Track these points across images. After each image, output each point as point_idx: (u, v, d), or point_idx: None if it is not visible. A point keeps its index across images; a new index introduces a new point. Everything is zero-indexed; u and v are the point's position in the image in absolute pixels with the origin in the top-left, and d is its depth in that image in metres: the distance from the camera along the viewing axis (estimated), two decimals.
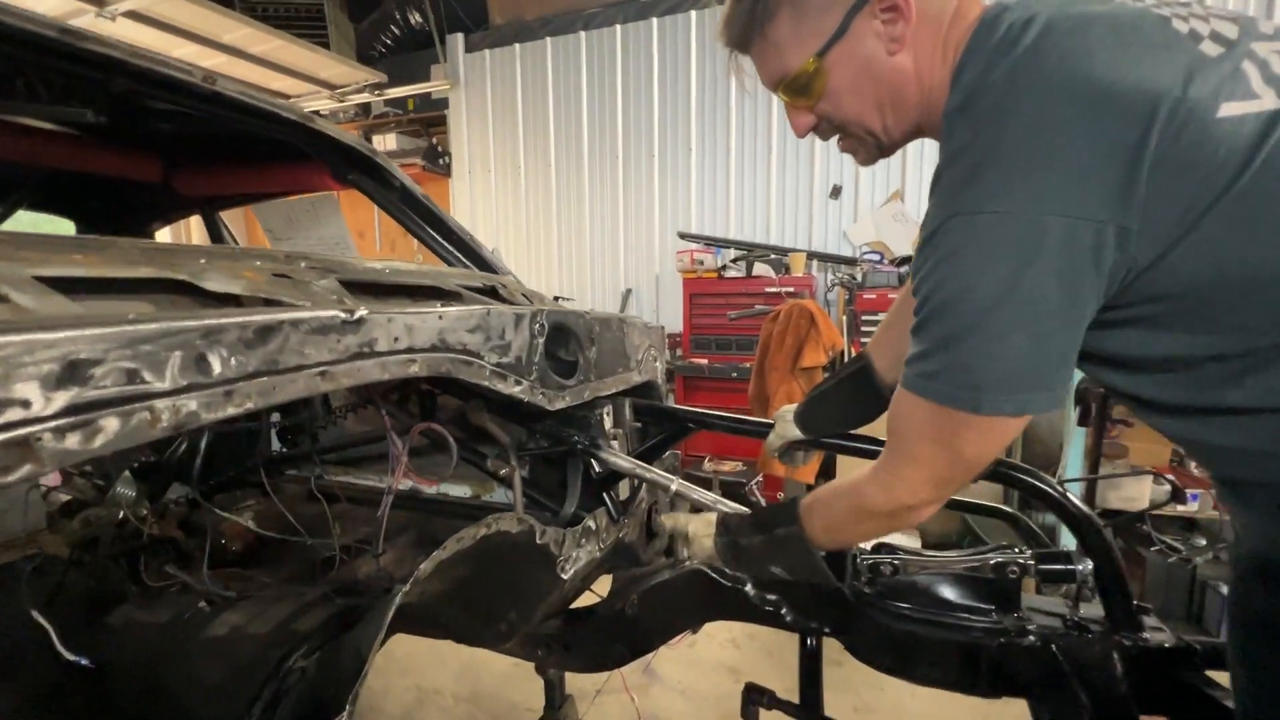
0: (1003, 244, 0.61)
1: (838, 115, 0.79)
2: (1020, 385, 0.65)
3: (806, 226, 4.19)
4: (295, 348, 0.61)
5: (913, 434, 0.74)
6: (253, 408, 0.57)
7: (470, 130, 5.20)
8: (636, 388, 1.46)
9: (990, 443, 0.70)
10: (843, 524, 0.87)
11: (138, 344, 0.48)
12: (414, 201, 1.79)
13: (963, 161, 0.64)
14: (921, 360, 0.70)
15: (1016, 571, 1.00)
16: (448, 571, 0.98)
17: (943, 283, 0.65)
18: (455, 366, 0.84)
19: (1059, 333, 0.64)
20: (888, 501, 0.79)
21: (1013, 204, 0.60)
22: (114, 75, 1.20)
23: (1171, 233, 0.60)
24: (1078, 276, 0.61)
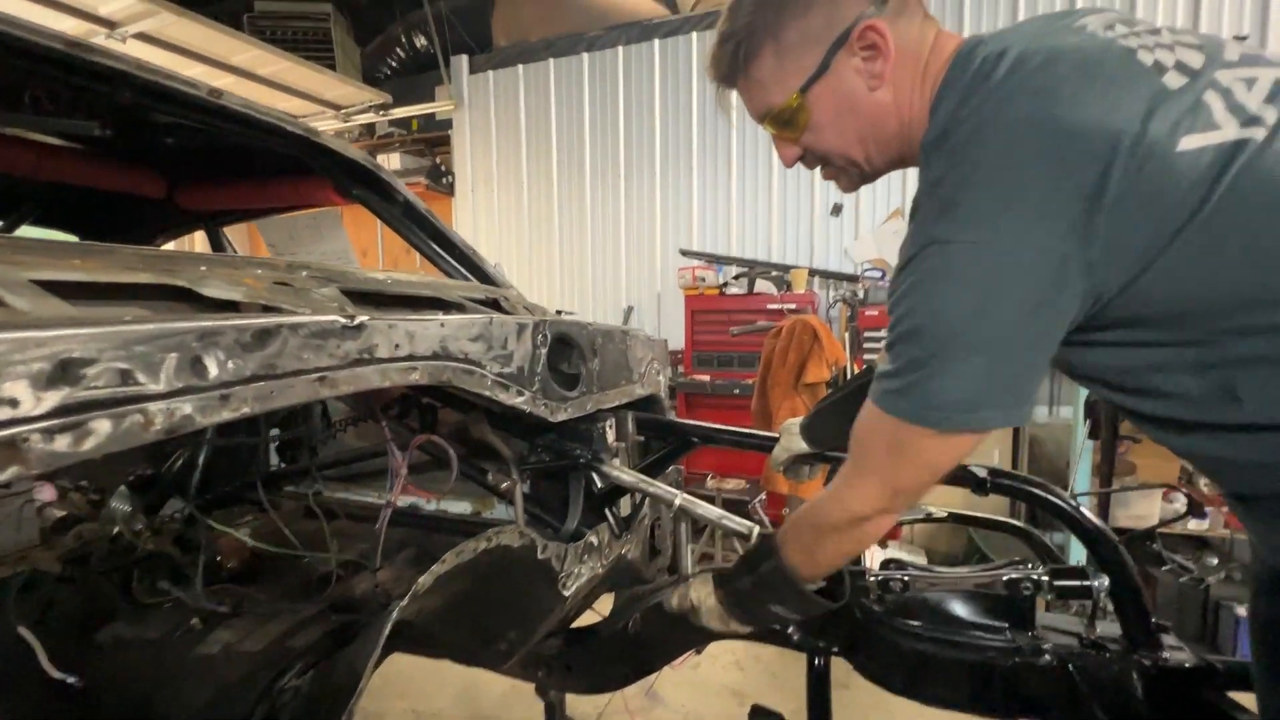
0: (971, 273, 0.64)
1: (821, 148, 0.82)
2: (982, 403, 0.67)
3: (808, 244, 4.20)
4: (294, 352, 0.60)
5: (874, 446, 0.75)
6: (249, 413, 0.56)
7: (474, 149, 5.25)
8: (639, 401, 1.44)
9: (950, 456, 0.72)
10: (810, 545, 0.85)
11: (132, 345, 0.47)
12: (417, 216, 1.79)
13: (938, 193, 0.67)
14: (890, 378, 0.71)
15: (1031, 588, 0.97)
16: (446, 587, 0.95)
17: (915, 308, 0.68)
18: (457, 375, 0.83)
19: (1021, 356, 0.67)
20: (842, 514, 0.79)
21: (981, 235, 0.64)
22: (120, 88, 1.20)
23: (1139, 261, 0.62)
24: (1042, 304, 0.64)
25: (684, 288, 3.97)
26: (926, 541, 3.30)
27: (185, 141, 1.67)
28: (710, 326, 3.86)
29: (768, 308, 3.65)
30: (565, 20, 4.82)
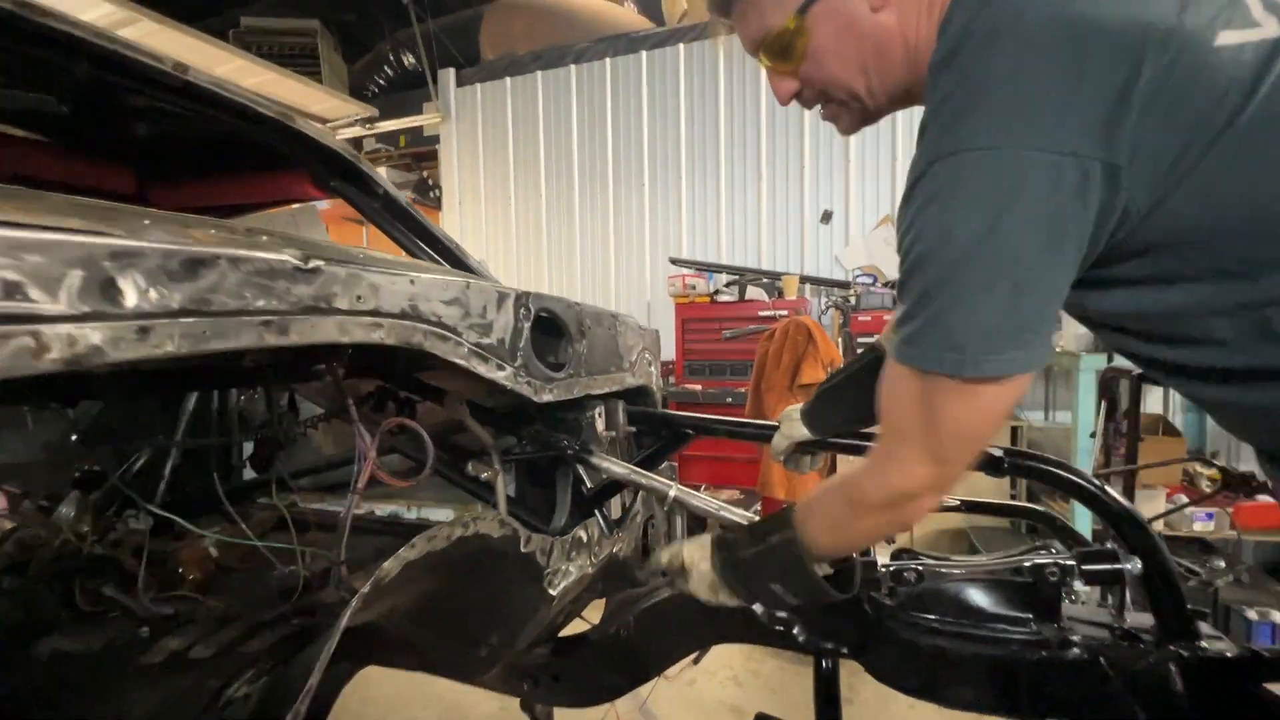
0: (982, 183, 0.58)
1: (820, 77, 0.76)
2: (1003, 342, 0.60)
3: (798, 251, 4.17)
4: (234, 289, 0.52)
5: (901, 409, 0.68)
6: (175, 352, 0.48)
7: (461, 161, 5.21)
8: (630, 391, 1.36)
9: (980, 413, 0.65)
10: (840, 522, 0.78)
11: (22, 252, 0.40)
12: (399, 210, 1.72)
13: (947, 109, 0.61)
14: (904, 323, 0.65)
15: (1058, 573, 0.90)
16: (419, 583, 0.86)
17: (922, 232, 0.62)
18: (429, 340, 0.75)
19: (1042, 280, 0.60)
20: (881, 489, 0.72)
21: (993, 140, 0.57)
22: (77, 59, 1.13)
23: (1171, 171, 0.56)
24: (1061, 216, 0.58)
25: (674, 296, 3.92)
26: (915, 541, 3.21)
27: (155, 131, 1.59)
28: (701, 335, 3.80)
29: (759, 314, 3.60)
30: (553, 33, 4.84)
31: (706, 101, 4.37)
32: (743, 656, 2.49)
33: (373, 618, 0.92)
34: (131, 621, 1.02)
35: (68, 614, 1.05)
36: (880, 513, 0.73)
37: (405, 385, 1.38)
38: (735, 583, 0.90)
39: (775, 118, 4.21)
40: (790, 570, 0.82)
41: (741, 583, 0.89)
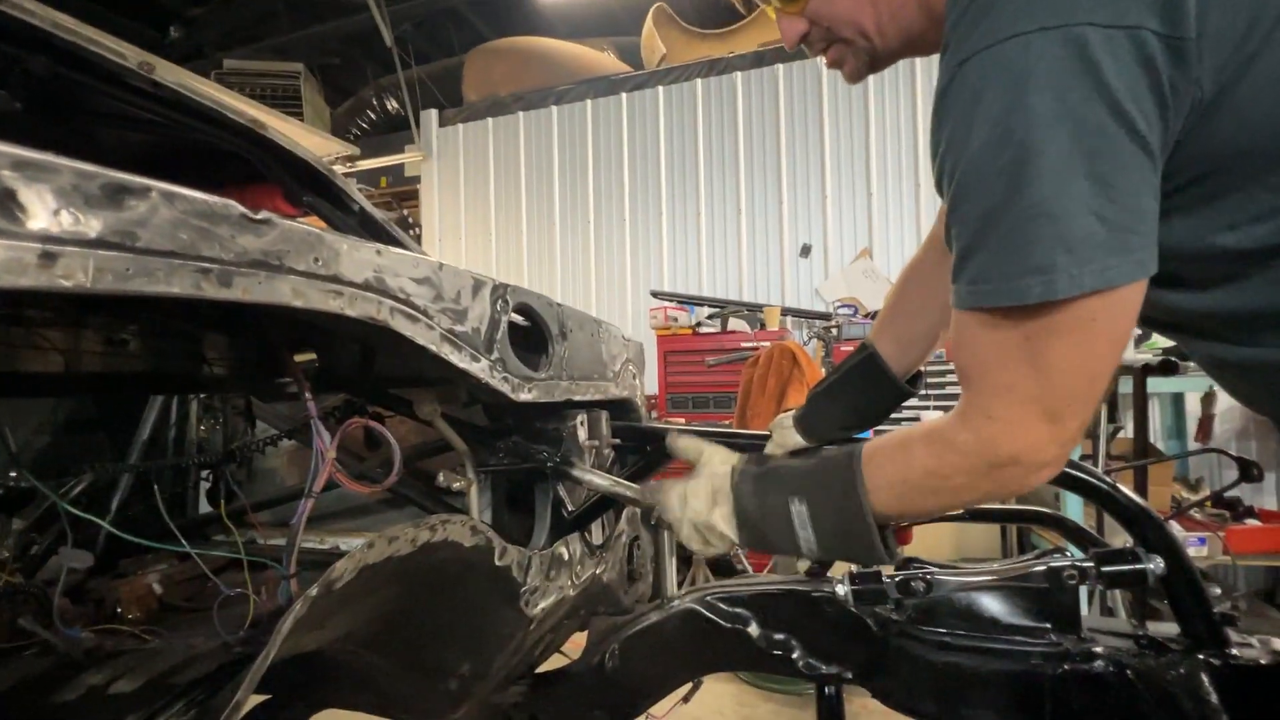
0: (1034, 70, 0.50)
1: (829, 12, 0.73)
2: (1097, 248, 0.51)
3: (779, 284, 4.20)
4: (166, 228, 0.46)
5: (992, 361, 0.59)
6: (89, 287, 0.41)
7: (442, 199, 5.23)
8: (613, 403, 1.30)
9: (1092, 343, 0.55)
10: (924, 481, 0.66)
11: None
12: (374, 226, 1.67)
13: (975, 5, 0.55)
14: (966, 264, 0.57)
15: (1075, 576, 0.84)
16: (377, 598, 0.77)
17: (967, 142, 0.54)
18: (395, 318, 0.68)
19: (1128, 171, 0.52)
20: (985, 453, 0.60)
21: (1036, 21, 0.51)
22: (34, 52, 1.08)
23: (1236, 55, 0.51)
24: (1132, 94, 0.50)
25: (656, 328, 3.89)
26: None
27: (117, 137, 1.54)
28: (684, 367, 3.76)
29: (742, 345, 3.58)
30: (535, 76, 4.95)
31: (686, 140, 4.47)
32: (737, 697, 2.35)
33: (324, 644, 0.81)
34: (50, 657, 0.90)
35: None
36: (980, 476, 0.62)
37: (372, 398, 1.30)
38: (749, 495, 0.76)
39: (753, 155, 4.31)
40: (828, 520, 0.69)
41: (759, 495, 0.75)
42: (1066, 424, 0.58)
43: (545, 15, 5.31)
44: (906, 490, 0.68)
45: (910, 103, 3.96)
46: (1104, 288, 0.52)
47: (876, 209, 4.01)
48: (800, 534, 0.72)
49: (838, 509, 0.70)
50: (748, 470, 0.80)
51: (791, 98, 4.23)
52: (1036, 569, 0.88)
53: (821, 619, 0.99)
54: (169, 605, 1.31)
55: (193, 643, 0.91)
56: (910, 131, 3.95)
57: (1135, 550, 0.83)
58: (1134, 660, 0.83)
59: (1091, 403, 0.58)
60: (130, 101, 1.25)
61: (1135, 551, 0.83)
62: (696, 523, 0.80)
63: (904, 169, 3.96)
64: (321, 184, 1.65)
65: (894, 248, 3.98)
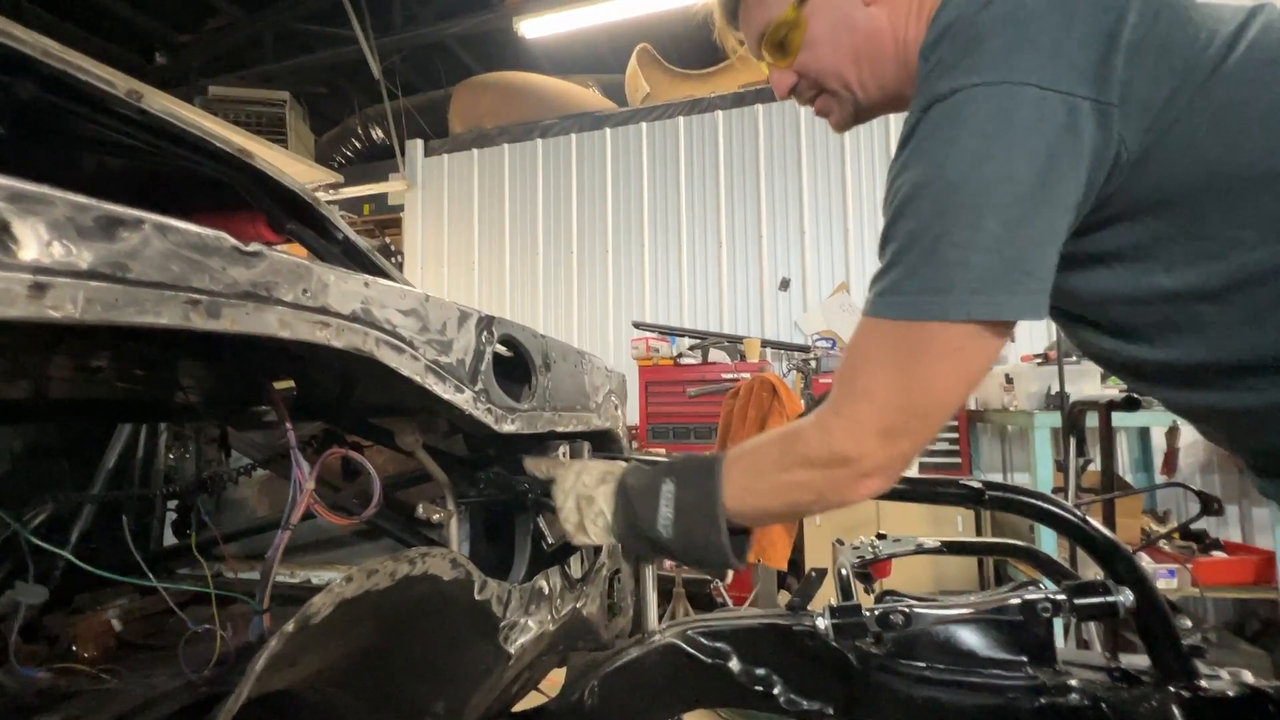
0: (974, 118, 0.57)
1: (815, 67, 0.79)
2: (991, 283, 0.57)
3: (758, 317, 4.27)
4: (158, 260, 0.46)
5: (866, 364, 0.64)
6: (79, 317, 0.41)
7: (425, 227, 5.24)
8: (596, 434, 1.30)
9: (956, 367, 0.60)
10: (764, 470, 0.70)
11: None
12: (358, 255, 1.67)
13: (939, 68, 0.62)
14: (883, 276, 0.62)
15: (1049, 609, 0.85)
16: (353, 634, 0.75)
17: (910, 174, 0.61)
18: (381, 349, 0.69)
19: (1035, 219, 0.57)
20: (821, 447, 0.64)
21: (985, 76, 0.58)
22: (21, 78, 1.08)
23: (1160, 118, 0.57)
24: (1054, 153, 0.56)
25: (637, 358, 3.91)
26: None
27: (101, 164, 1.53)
28: (665, 397, 3.77)
29: (723, 376, 3.61)
30: (520, 111, 5.04)
31: (668, 175, 4.57)
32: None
33: (294, 681, 0.79)
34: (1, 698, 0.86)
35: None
36: (811, 470, 0.65)
37: (351, 427, 1.29)
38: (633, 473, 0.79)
39: (734, 190, 4.42)
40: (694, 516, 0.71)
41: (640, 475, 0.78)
42: (899, 442, 0.62)
43: (532, 51, 5.44)
44: (755, 484, 0.71)
45: (884, 145, 4.11)
46: (989, 319, 0.58)
47: (853, 245, 4.11)
48: (663, 510, 0.74)
49: (696, 494, 0.72)
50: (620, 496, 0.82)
51: (771, 136, 4.36)
52: (1012, 601, 0.89)
53: (802, 653, 0.99)
54: (128, 643, 1.26)
55: (154, 682, 0.87)
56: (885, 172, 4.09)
57: (1106, 583, 0.85)
58: (1108, 694, 0.84)
59: (929, 429, 0.63)
60: (116, 128, 1.25)
61: (1106, 584, 0.85)
62: (580, 494, 0.83)
63: (879, 207, 4.08)
64: (306, 212, 1.65)
65: None
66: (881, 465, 0.64)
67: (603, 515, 0.81)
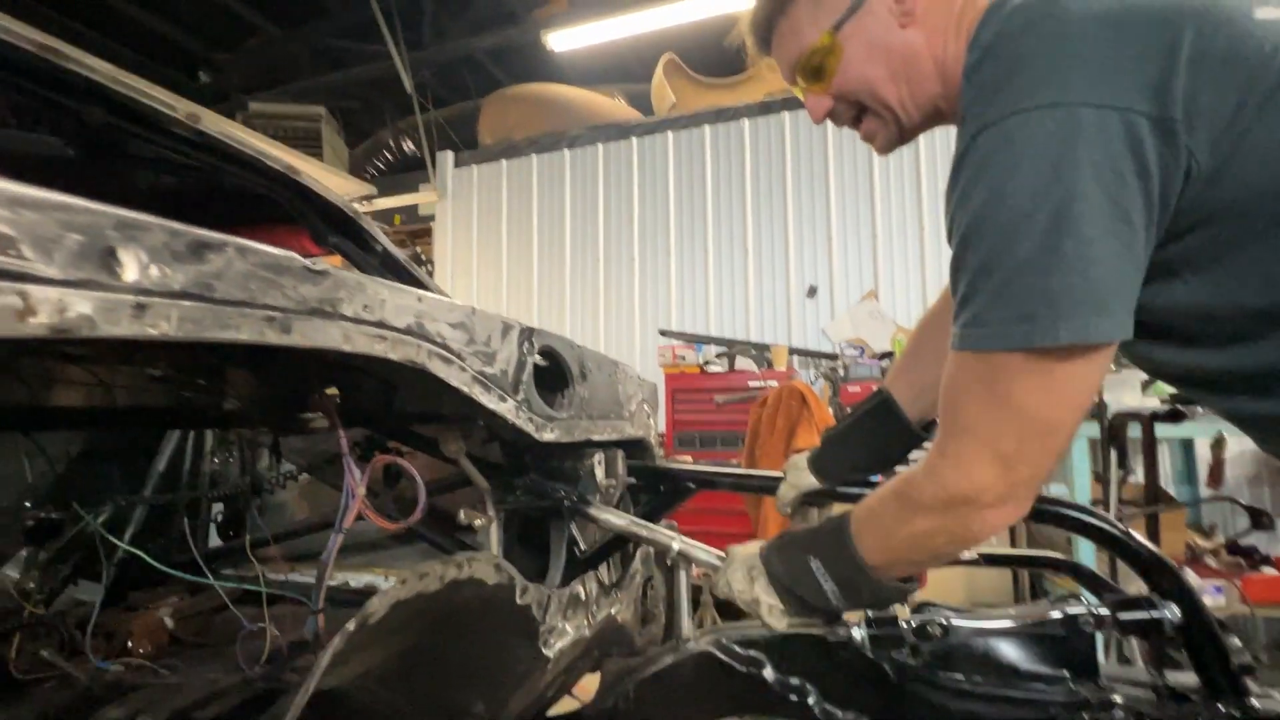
0: (1033, 142, 0.57)
1: (853, 89, 0.79)
2: (1076, 305, 0.56)
3: (785, 325, 4.25)
4: (239, 279, 0.50)
5: (964, 400, 0.63)
6: (172, 335, 0.44)
7: (455, 237, 5.35)
8: (628, 442, 1.32)
9: (1057, 392, 0.59)
10: (890, 526, 0.71)
11: (19, 207, 0.37)
12: (396, 266, 1.72)
13: (986, 90, 0.62)
14: (963, 309, 0.62)
15: (1092, 623, 0.84)
16: (401, 634, 0.78)
17: (973, 201, 0.60)
18: (432, 361, 0.72)
19: (1109, 238, 0.56)
20: (937, 491, 0.65)
21: (1039, 99, 0.57)
22: (91, 104, 1.15)
23: (1230, 131, 0.56)
24: (1122, 171, 0.55)
25: (663, 366, 3.92)
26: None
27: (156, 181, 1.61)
28: (691, 405, 3.77)
29: (749, 385, 3.60)
30: (548, 122, 5.11)
31: (694, 183, 4.59)
32: None
33: (345, 680, 0.82)
34: (70, 690, 0.90)
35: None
36: (932, 515, 0.65)
37: (392, 434, 1.33)
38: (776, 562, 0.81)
39: (760, 198, 4.42)
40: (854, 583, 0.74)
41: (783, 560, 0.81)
42: (1017, 468, 0.61)
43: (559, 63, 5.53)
44: (889, 542, 0.72)
45: (913, 150, 4.07)
46: (1079, 342, 0.57)
47: (882, 251, 4.08)
48: (825, 586, 0.76)
49: (844, 565, 0.74)
50: (770, 543, 0.85)
51: (798, 144, 4.35)
52: (1053, 615, 0.88)
53: (837, 663, 0.99)
54: (178, 639, 1.31)
55: (211, 677, 0.92)
56: (913, 177, 4.06)
57: (1151, 598, 0.84)
58: (1154, 710, 0.82)
59: (1046, 453, 0.62)
60: (175, 149, 1.31)
61: (1151, 599, 0.84)
62: (745, 601, 0.85)
63: (908, 213, 4.05)
64: (347, 225, 1.71)
65: (899, 290, 4.03)
66: (1004, 495, 0.63)
67: (775, 609, 0.83)
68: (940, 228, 2.37)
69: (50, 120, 1.24)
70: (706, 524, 3.40)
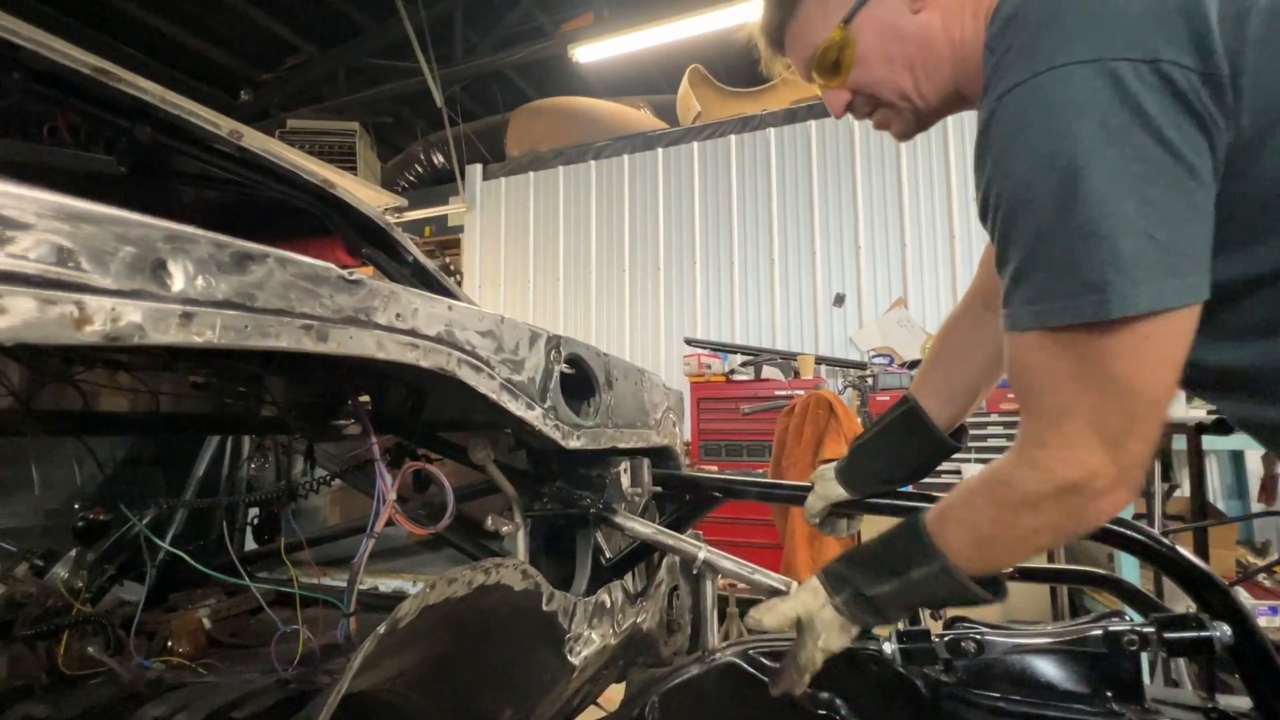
0: (1076, 99, 0.52)
1: (869, 81, 0.78)
2: (1152, 269, 0.51)
3: (812, 333, 4.21)
4: (279, 289, 0.52)
5: (1049, 383, 0.58)
6: (216, 342, 0.46)
7: (483, 248, 5.43)
8: (654, 450, 1.32)
9: (1150, 363, 0.54)
10: (986, 527, 0.66)
11: (77, 221, 0.39)
12: (426, 277, 1.75)
13: (1010, 53, 0.58)
14: (1020, 286, 0.57)
15: (1136, 641, 0.81)
16: (430, 639, 0.79)
17: (1013, 169, 0.56)
18: (462, 369, 0.73)
19: (1175, 195, 0.52)
20: (1044, 484, 0.60)
21: (1076, 54, 0.53)
22: (141, 122, 1.20)
23: (1275, 92, 0.52)
24: (1173, 123, 0.52)
25: (689, 375, 3.91)
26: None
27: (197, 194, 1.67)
28: (717, 414, 3.76)
29: (776, 394, 3.57)
30: (575, 133, 5.18)
31: (720, 192, 4.59)
32: None
33: (375, 683, 0.83)
34: (114, 687, 0.94)
35: (48, 678, 0.97)
36: (1041, 511, 0.60)
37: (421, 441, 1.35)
38: (870, 618, 0.78)
39: (786, 206, 4.40)
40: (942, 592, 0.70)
41: (880, 615, 0.77)
42: (1128, 446, 0.57)
43: (585, 76, 5.60)
44: (982, 545, 0.67)
45: (943, 154, 4.02)
46: (1159, 309, 0.53)
47: (911, 259, 4.02)
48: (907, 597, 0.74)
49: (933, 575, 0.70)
50: (833, 565, 0.80)
51: (824, 151, 4.33)
52: (1094, 632, 0.85)
53: (868, 679, 0.97)
54: (215, 640, 1.35)
55: (248, 677, 0.94)
56: (943, 182, 3.99)
57: (1200, 617, 0.80)
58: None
59: (1152, 426, 0.57)
60: (217, 164, 1.37)
61: (1200, 618, 0.80)
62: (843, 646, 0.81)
63: (938, 219, 3.99)
64: (379, 236, 1.75)
65: (929, 297, 3.96)
66: (1117, 478, 0.58)
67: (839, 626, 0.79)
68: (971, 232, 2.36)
69: (104, 138, 1.30)
70: (733, 534, 3.37)
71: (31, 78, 1.02)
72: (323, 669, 0.96)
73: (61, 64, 1.02)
